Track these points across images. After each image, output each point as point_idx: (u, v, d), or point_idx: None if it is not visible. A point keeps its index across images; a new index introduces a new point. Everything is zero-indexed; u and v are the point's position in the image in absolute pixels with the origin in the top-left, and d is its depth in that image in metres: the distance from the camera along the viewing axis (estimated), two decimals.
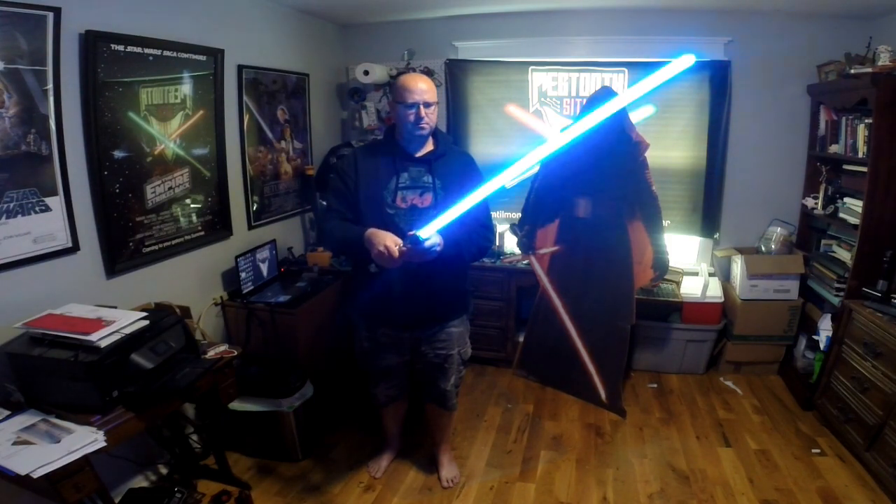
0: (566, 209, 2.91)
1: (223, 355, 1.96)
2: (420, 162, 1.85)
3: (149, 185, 2.21)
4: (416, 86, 1.76)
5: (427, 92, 1.77)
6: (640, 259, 2.80)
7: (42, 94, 1.75)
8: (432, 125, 1.82)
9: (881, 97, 2.32)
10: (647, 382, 3.16)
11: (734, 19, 3.02)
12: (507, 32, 3.31)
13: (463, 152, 2.03)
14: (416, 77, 1.82)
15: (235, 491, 2.18)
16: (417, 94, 1.75)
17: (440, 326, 2.00)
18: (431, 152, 1.86)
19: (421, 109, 1.76)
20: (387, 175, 1.82)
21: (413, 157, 1.85)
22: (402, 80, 1.81)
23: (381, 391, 2.20)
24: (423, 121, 1.77)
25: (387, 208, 1.80)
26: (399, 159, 1.83)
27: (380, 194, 1.81)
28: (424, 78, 1.82)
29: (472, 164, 1.97)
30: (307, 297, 2.64)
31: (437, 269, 1.78)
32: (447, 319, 2.01)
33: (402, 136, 1.84)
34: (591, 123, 1.58)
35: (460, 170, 1.89)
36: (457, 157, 1.95)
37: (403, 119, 1.79)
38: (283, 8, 3.00)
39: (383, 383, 2.17)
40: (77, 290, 1.90)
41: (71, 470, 1.41)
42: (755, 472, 2.33)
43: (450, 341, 2.03)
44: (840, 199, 2.77)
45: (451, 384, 2.12)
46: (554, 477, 2.35)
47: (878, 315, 2.29)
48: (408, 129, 1.80)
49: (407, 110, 1.77)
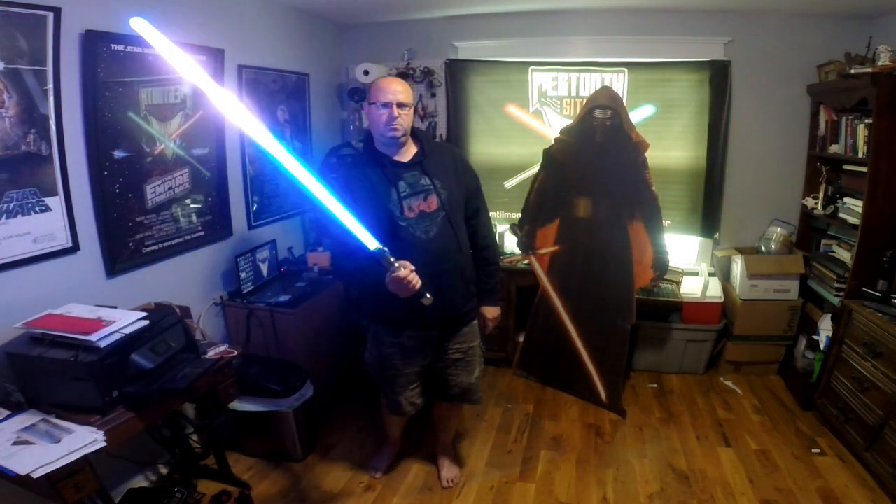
0: (566, 209, 2.91)
1: (223, 355, 1.95)
2: (411, 166, 1.81)
3: (149, 185, 2.21)
4: (389, 86, 1.75)
5: (401, 93, 1.74)
6: (640, 259, 2.80)
7: (42, 94, 1.75)
8: (406, 128, 1.78)
9: (881, 97, 2.32)
10: (647, 382, 3.16)
11: (734, 19, 3.02)
12: (507, 32, 3.31)
13: (446, 144, 2.04)
14: (392, 79, 1.81)
15: (235, 491, 2.19)
16: (391, 94, 1.73)
17: (464, 321, 2.00)
18: (418, 154, 1.84)
19: (394, 109, 1.72)
20: (384, 188, 1.77)
21: (402, 163, 1.81)
22: (378, 81, 1.81)
23: (406, 399, 2.05)
24: (395, 121, 1.73)
25: (399, 221, 1.76)
26: (390, 169, 1.79)
27: (386, 209, 1.76)
28: (400, 80, 1.81)
29: (458, 154, 2.01)
30: (307, 297, 2.64)
31: (459, 265, 1.85)
32: (471, 313, 2.02)
33: (378, 140, 1.80)
34: None
35: (452, 164, 1.90)
36: (442, 151, 1.95)
37: (376, 119, 1.76)
38: (282, 8, 3.00)
39: (408, 391, 2.05)
40: (77, 290, 1.90)
41: (71, 470, 1.40)
42: (755, 472, 2.33)
43: (472, 334, 2.04)
44: (840, 199, 2.76)
45: (476, 377, 2.11)
46: (554, 477, 2.35)
47: (878, 315, 2.29)
48: (380, 130, 1.76)
49: (380, 110, 1.74)
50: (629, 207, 2.77)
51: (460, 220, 1.89)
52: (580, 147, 2.81)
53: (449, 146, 2.03)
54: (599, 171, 2.78)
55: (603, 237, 2.83)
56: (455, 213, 1.85)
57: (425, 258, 1.72)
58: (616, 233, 2.79)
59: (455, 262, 1.85)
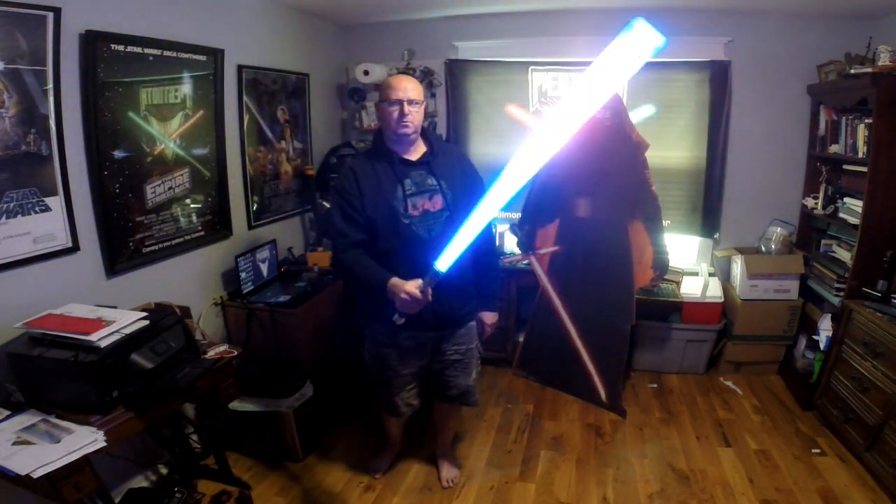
0: (566, 209, 2.91)
1: (223, 355, 1.96)
2: (419, 165, 1.83)
3: (149, 185, 2.21)
4: (400, 83, 1.76)
5: (412, 90, 1.77)
6: (640, 259, 2.80)
7: (42, 94, 1.75)
8: (416, 125, 1.80)
9: (881, 97, 2.32)
10: (647, 382, 3.15)
11: (734, 19, 3.02)
12: (507, 32, 3.31)
13: (454, 146, 2.05)
14: (402, 76, 1.83)
15: (235, 491, 2.19)
16: (402, 91, 1.75)
17: (462, 322, 2.01)
18: (427, 153, 1.85)
19: (405, 106, 1.74)
20: (391, 185, 1.79)
21: (411, 161, 1.83)
22: (388, 79, 1.83)
23: (402, 400, 2.08)
24: (406, 118, 1.75)
25: (402, 218, 1.78)
26: (398, 167, 1.81)
27: (391, 206, 1.78)
28: (410, 78, 1.83)
29: (465, 156, 2.03)
30: (307, 297, 2.64)
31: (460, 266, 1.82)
32: (469, 315, 2.02)
33: (389, 137, 1.83)
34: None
35: (458, 166, 1.91)
36: (450, 152, 1.96)
37: (387, 117, 1.78)
38: (283, 8, 3.00)
39: (405, 392, 2.07)
40: (77, 290, 1.90)
41: (71, 470, 1.41)
42: (755, 472, 2.33)
43: (469, 335, 2.04)
44: (840, 199, 2.77)
45: (473, 378, 2.11)
46: (554, 477, 2.35)
47: (878, 315, 2.29)
48: (392, 127, 1.78)
49: (391, 107, 1.76)
50: (629, 207, 2.76)
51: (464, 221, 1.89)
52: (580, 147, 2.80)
53: (457, 148, 2.05)
54: (599, 171, 2.78)
55: (603, 237, 2.83)
56: (459, 214, 1.85)
57: (426, 257, 1.72)
58: (616, 233, 2.79)
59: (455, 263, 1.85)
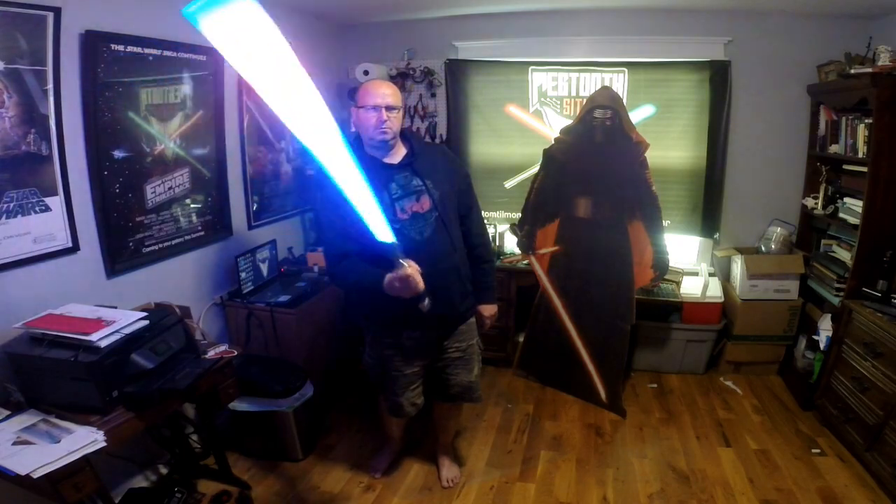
0: (566, 209, 2.91)
1: (223, 355, 1.96)
2: (401, 168, 1.81)
3: (149, 185, 2.21)
4: (378, 89, 1.74)
5: (390, 96, 1.74)
6: (640, 259, 2.80)
7: (42, 94, 1.75)
8: (395, 130, 1.78)
9: (881, 97, 2.32)
10: (647, 382, 3.15)
11: (734, 19, 3.02)
12: (507, 32, 3.31)
13: (435, 145, 2.04)
14: (380, 82, 1.81)
15: (235, 491, 2.19)
16: (380, 98, 1.73)
17: (462, 319, 2.00)
18: (408, 155, 1.83)
19: (383, 112, 1.72)
20: (375, 192, 1.72)
21: (392, 165, 1.80)
22: (365, 84, 1.80)
23: (407, 400, 2.06)
24: (384, 124, 1.73)
25: (392, 224, 1.72)
26: (381, 172, 1.77)
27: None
28: (388, 83, 1.80)
29: (448, 153, 2.02)
30: (307, 297, 2.64)
31: (455, 264, 1.86)
32: (468, 311, 2.02)
33: (368, 143, 1.80)
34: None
35: (442, 163, 1.90)
36: (432, 151, 1.95)
37: (365, 122, 1.75)
38: (282, 8, 3.00)
39: (409, 391, 2.05)
40: (77, 290, 1.90)
41: (71, 470, 1.41)
42: (755, 472, 2.33)
43: (470, 332, 2.04)
44: (840, 199, 2.76)
45: (475, 374, 2.11)
46: (554, 477, 2.35)
47: (878, 315, 2.29)
48: (370, 133, 1.76)
49: (368, 112, 1.74)
50: (629, 207, 2.77)
51: (454, 219, 1.89)
52: (580, 147, 2.81)
53: (439, 146, 2.03)
54: (599, 171, 2.78)
55: (603, 237, 2.83)
56: (448, 212, 1.85)
57: (421, 259, 1.71)
58: (616, 233, 2.79)
59: (451, 261, 1.86)
